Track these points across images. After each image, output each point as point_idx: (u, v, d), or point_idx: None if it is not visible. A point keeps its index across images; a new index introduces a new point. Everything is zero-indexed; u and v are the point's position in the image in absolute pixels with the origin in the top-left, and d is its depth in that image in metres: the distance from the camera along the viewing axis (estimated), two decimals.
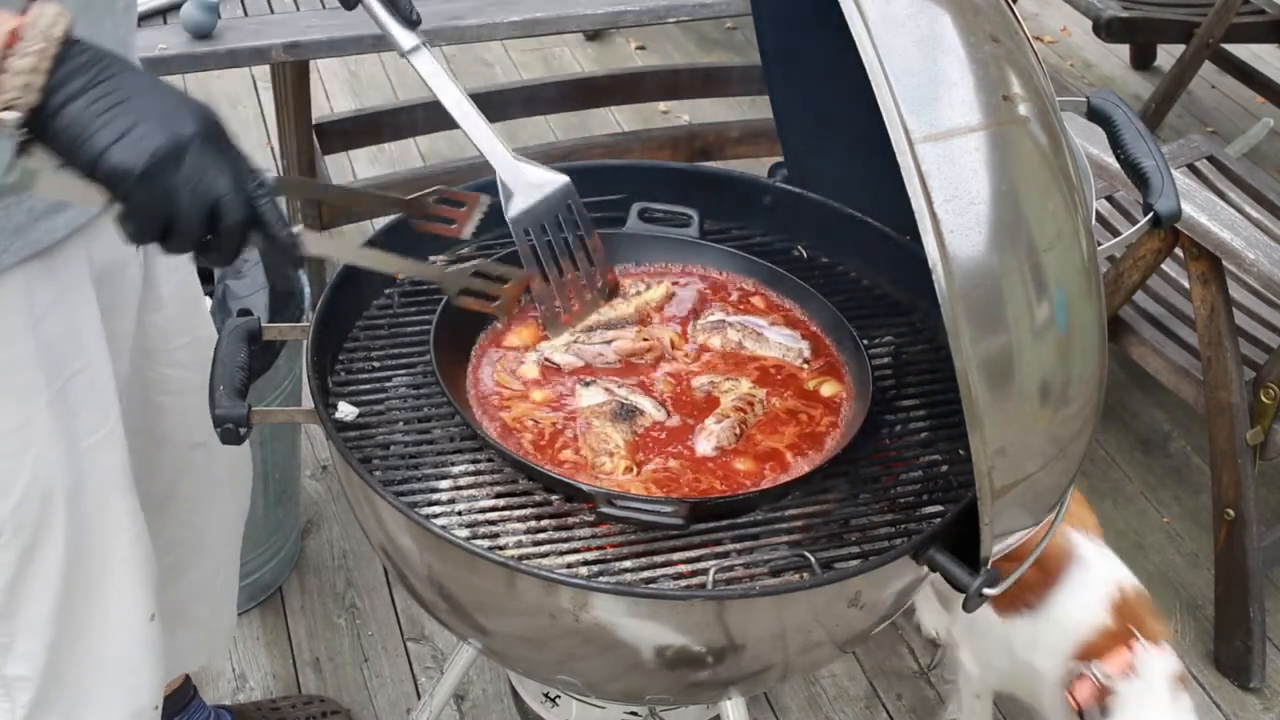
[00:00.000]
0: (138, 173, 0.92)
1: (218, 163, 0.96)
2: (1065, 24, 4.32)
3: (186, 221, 0.96)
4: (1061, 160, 1.08)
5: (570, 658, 1.32)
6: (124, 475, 1.37)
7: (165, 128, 0.94)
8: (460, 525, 1.26)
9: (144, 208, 0.95)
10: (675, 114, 3.70)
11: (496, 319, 1.44)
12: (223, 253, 1.00)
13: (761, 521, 1.29)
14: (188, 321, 1.53)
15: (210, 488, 1.66)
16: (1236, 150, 3.05)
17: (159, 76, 1.00)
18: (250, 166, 1.00)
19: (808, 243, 1.66)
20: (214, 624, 1.79)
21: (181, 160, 0.94)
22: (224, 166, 0.97)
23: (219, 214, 0.97)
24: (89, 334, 1.29)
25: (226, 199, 0.96)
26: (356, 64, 3.85)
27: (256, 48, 2.27)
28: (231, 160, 0.98)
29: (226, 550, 1.76)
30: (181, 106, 0.96)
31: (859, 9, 1.01)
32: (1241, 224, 2.04)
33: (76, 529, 1.31)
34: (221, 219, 0.97)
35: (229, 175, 0.97)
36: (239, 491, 1.75)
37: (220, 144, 0.98)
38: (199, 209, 0.96)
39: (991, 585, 1.18)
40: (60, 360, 1.26)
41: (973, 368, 1.02)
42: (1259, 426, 2.09)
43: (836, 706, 2.18)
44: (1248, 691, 2.24)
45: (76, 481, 1.30)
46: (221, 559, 1.75)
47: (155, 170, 0.93)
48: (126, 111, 0.93)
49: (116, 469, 1.36)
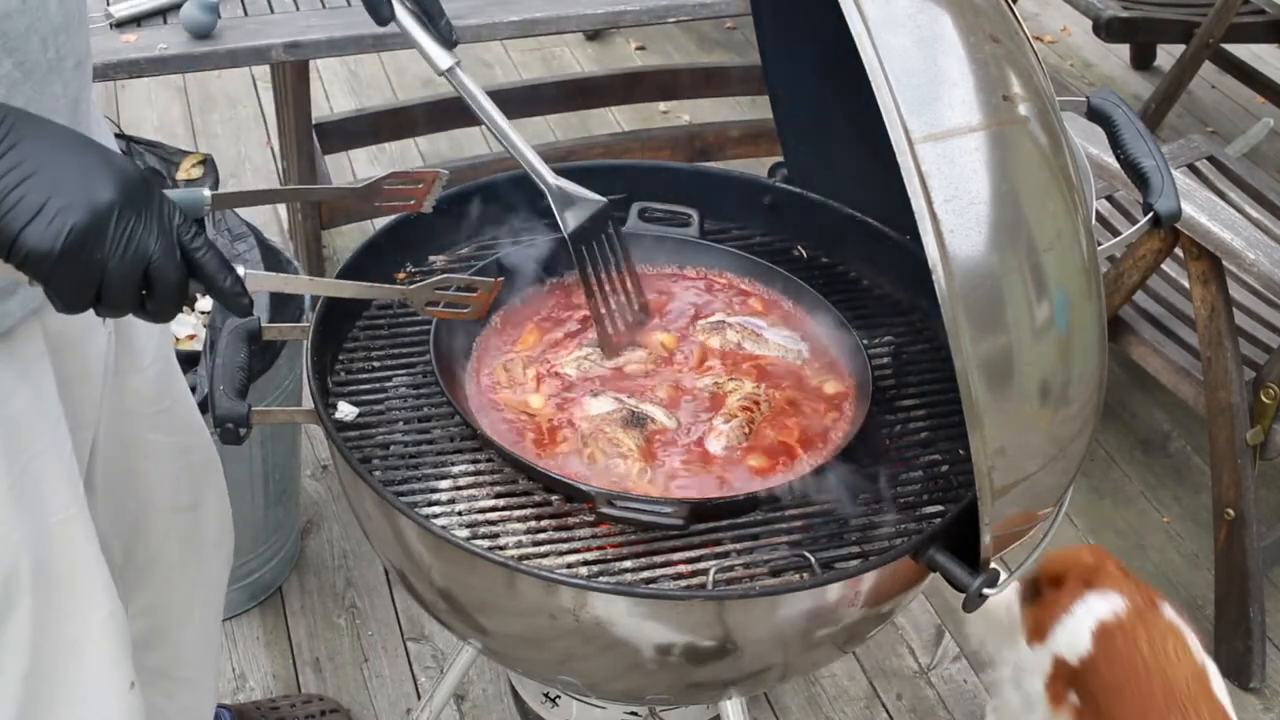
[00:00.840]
0: (55, 256, 0.88)
1: (144, 225, 0.91)
2: (1065, 24, 4.32)
3: (117, 292, 0.92)
4: (1061, 160, 1.08)
5: (570, 658, 1.32)
6: (95, 551, 1.31)
7: (81, 200, 0.88)
8: (460, 525, 1.26)
9: (68, 286, 0.90)
10: (675, 114, 3.70)
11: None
12: (162, 312, 0.96)
13: (761, 521, 1.29)
14: (165, 385, 1.48)
15: (196, 550, 1.61)
16: (1236, 150, 3.04)
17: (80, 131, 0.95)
18: (183, 218, 0.95)
19: (808, 243, 1.66)
20: (201, 684, 1.74)
21: (103, 232, 0.89)
22: (151, 227, 0.92)
23: (151, 278, 0.93)
24: (52, 410, 1.23)
25: (157, 262, 0.92)
26: (356, 64, 3.85)
27: (256, 48, 2.27)
28: (160, 218, 0.93)
29: (211, 609, 1.72)
30: (99, 169, 0.91)
31: (859, 9, 1.01)
32: (1241, 224, 2.04)
33: (45, 606, 1.25)
34: (154, 283, 0.93)
35: (156, 235, 0.92)
36: (224, 552, 1.70)
37: (146, 203, 0.92)
38: (128, 277, 0.91)
39: (991, 585, 1.18)
40: (25, 440, 1.19)
41: (973, 368, 1.02)
42: (1259, 426, 2.09)
43: (836, 706, 2.18)
44: (1248, 691, 2.24)
45: (44, 560, 1.23)
46: (207, 620, 1.71)
47: (73, 250, 0.88)
48: (38, 186, 0.88)
49: (87, 545, 1.29)
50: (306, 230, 2.76)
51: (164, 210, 0.94)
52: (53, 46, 1.08)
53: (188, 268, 0.95)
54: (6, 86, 1.02)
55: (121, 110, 3.59)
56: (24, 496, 1.20)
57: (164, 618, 1.61)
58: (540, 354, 1.48)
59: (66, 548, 1.26)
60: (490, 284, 1.19)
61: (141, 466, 1.48)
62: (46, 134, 0.91)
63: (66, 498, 1.25)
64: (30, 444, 1.20)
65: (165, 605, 1.60)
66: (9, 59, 1.02)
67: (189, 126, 3.57)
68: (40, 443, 1.21)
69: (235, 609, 2.22)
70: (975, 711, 2.18)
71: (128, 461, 1.46)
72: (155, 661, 1.60)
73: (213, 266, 0.96)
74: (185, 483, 1.56)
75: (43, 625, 1.25)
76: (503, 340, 1.50)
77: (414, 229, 1.54)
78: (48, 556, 1.24)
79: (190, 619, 1.66)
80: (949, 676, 2.24)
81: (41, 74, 1.07)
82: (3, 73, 1.02)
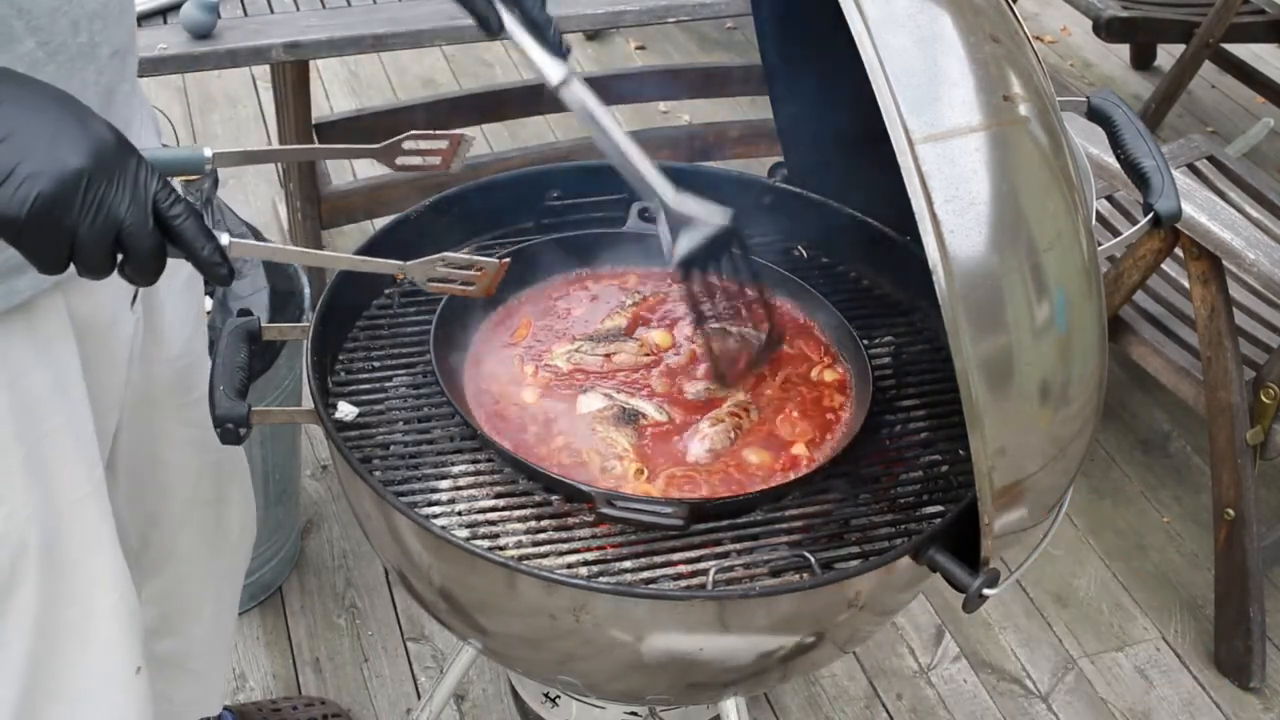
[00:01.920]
0: (21, 221, 0.88)
1: (116, 191, 0.91)
2: (1065, 24, 4.32)
3: (88, 256, 0.92)
4: (1061, 160, 1.08)
5: (570, 658, 1.32)
6: (110, 534, 1.31)
7: (50, 167, 0.89)
8: (460, 525, 1.26)
9: (38, 250, 0.91)
10: (675, 114, 3.70)
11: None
12: (140, 276, 0.96)
13: (761, 522, 1.29)
14: (193, 379, 1.48)
15: (216, 545, 1.62)
16: (1236, 150, 3.04)
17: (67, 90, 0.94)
18: (160, 184, 0.94)
19: (808, 243, 1.66)
20: (210, 677, 1.76)
21: (70, 199, 0.89)
22: (124, 194, 0.91)
23: (124, 243, 0.93)
24: (73, 390, 1.23)
25: (130, 227, 0.92)
26: (356, 64, 3.85)
27: (256, 48, 2.27)
28: (135, 184, 0.92)
29: (225, 604, 1.73)
30: (72, 134, 0.90)
31: (859, 9, 1.01)
32: (1241, 224, 2.04)
33: (53, 584, 1.26)
34: (127, 249, 0.93)
35: (129, 202, 0.92)
36: (244, 550, 1.71)
37: (120, 168, 0.92)
38: (99, 242, 0.91)
39: (991, 585, 1.18)
40: (39, 416, 1.20)
41: (973, 368, 1.02)
42: (1259, 426, 2.09)
43: (836, 706, 2.18)
44: (1248, 691, 2.24)
45: (54, 539, 1.24)
46: (220, 613, 1.72)
47: (39, 217, 0.88)
48: (10, 150, 0.88)
49: (101, 527, 1.30)
50: (306, 230, 2.76)
51: (140, 175, 0.93)
52: (85, 31, 1.09)
53: (165, 234, 0.95)
54: (27, 65, 1.03)
55: None
56: (37, 473, 1.21)
57: (177, 606, 1.62)
58: (533, 348, 1.48)
59: (79, 528, 1.27)
60: (495, 264, 1.16)
61: (163, 456, 1.50)
62: (29, 95, 0.92)
63: (82, 478, 1.26)
64: (45, 421, 1.21)
65: (179, 594, 1.62)
66: (32, 38, 1.04)
67: (189, 126, 3.57)
68: (55, 420, 1.21)
69: None
70: (975, 711, 2.18)
71: (150, 450, 1.47)
72: (165, 650, 1.61)
73: (190, 233, 0.95)
74: (209, 477, 1.57)
75: (50, 604, 1.27)
76: (501, 336, 1.50)
77: (414, 229, 1.54)
78: (58, 536, 1.25)
79: (203, 612, 1.67)
80: (949, 676, 2.24)
81: (69, 57, 1.08)
82: (24, 51, 1.03)
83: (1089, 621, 2.36)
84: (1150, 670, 2.27)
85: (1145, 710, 2.21)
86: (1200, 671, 2.27)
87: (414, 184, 2.67)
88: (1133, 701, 2.22)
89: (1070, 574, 2.44)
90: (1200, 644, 2.32)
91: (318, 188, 2.73)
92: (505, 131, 3.54)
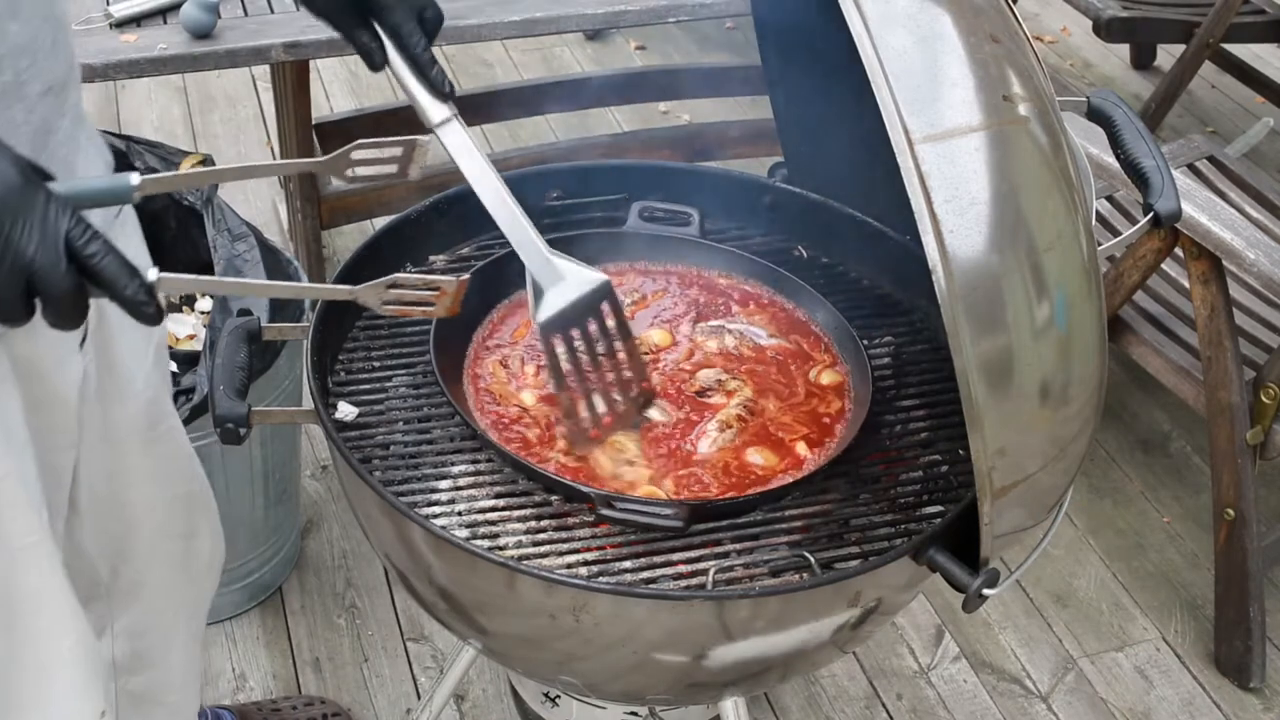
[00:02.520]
0: None
1: (21, 233, 0.86)
2: (1065, 24, 4.32)
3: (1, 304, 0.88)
4: (1061, 160, 1.08)
5: (570, 658, 1.32)
6: (61, 579, 1.26)
7: None
8: (460, 525, 1.26)
9: None
10: (675, 114, 3.70)
11: None
12: (61, 321, 0.90)
13: (761, 522, 1.29)
14: (157, 415, 1.44)
15: (186, 577, 1.60)
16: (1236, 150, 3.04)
17: None
18: (73, 220, 0.88)
19: (808, 243, 1.66)
20: (183, 710, 1.72)
21: None
22: (30, 235, 0.86)
23: (37, 287, 0.88)
24: (15, 435, 1.18)
25: (40, 269, 0.87)
26: (356, 64, 3.80)
27: (256, 48, 2.27)
28: (43, 223, 0.87)
29: (194, 635, 1.70)
30: None
31: (859, 8, 1.01)
32: (1241, 224, 2.04)
33: (6, 633, 1.22)
34: (41, 292, 0.88)
35: (36, 242, 0.86)
36: (211, 580, 1.68)
37: (25, 206, 0.87)
38: (8, 286, 0.87)
39: (991, 585, 1.18)
40: None
41: (973, 368, 1.02)
42: (1259, 426, 2.09)
43: (836, 706, 2.18)
44: (1248, 691, 2.24)
45: (6, 589, 1.20)
46: (189, 644, 1.69)
47: None
48: None
49: (51, 574, 1.25)
50: (306, 230, 2.76)
51: (49, 214, 0.88)
52: (9, 70, 1.03)
53: (83, 274, 0.89)
54: None
55: (121, 110, 3.59)
56: None
57: (149, 641, 1.59)
58: (534, 348, 1.48)
59: (28, 576, 1.22)
60: (454, 282, 1.11)
61: (128, 495, 1.46)
62: None
63: (30, 524, 1.21)
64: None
65: (152, 627, 1.59)
66: None
67: (189, 127, 3.57)
68: (3, 466, 1.16)
69: (235, 609, 2.22)
70: (975, 711, 2.18)
71: (112, 489, 1.43)
72: (138, 686, 1.58)
73: (110, 271, 0.89)
74: (180, 512, 1.54)
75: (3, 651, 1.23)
76: (501, 335, 1.50)
77: (414, 229, 1.54)
78: (7, 583, 1.21)
79: (174, 643, 1.64)
80: (949, 676, 2.24)
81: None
82: None
83: (1089, 621, 2.36)
84: (1150, 670, 2.27)
85: (1145, 710, 2.21)
86: (1200, 671, 2.27)
87: (414, 184, 2.67)
88: (1133, 701, 2.22)
89: (1070, 574, 2.44)
90: (1200, 644, 2.32)
91: (317, 188, 2.73)
92: (505, 131, 3.54)
